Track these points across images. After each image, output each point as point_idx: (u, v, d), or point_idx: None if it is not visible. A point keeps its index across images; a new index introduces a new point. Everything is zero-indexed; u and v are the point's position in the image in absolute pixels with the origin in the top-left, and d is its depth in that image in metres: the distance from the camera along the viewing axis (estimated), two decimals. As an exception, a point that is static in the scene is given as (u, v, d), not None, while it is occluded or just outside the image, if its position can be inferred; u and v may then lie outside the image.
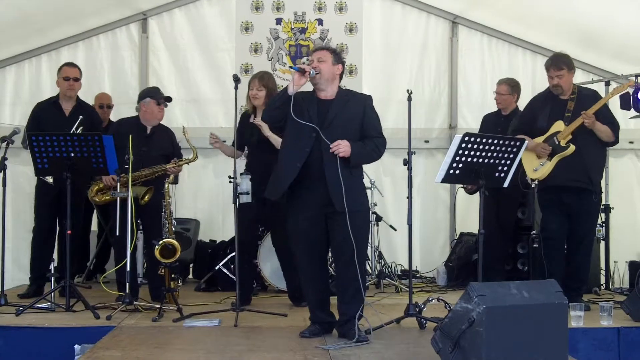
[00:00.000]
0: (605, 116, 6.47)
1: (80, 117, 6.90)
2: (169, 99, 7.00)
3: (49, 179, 6.70)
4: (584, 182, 6.42)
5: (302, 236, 5.37)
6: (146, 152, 6.69)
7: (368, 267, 7.79)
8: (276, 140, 6.39)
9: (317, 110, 5.34)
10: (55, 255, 6.99)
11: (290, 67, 5.37)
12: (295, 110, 5.22)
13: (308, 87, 5.41)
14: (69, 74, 7.06)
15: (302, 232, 5.36)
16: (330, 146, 5.19)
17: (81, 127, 6.82)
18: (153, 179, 6.71)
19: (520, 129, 6.67)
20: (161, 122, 6.95)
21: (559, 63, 6.54)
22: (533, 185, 6.74)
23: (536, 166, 6.55)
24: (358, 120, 5.39)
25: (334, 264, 5.73)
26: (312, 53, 5.54)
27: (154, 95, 6.86)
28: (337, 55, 5.50)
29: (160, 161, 6.77)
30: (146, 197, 6.58)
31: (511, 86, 7.74)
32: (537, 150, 6.51)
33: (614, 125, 6.50)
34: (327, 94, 5.43)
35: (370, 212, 7.28)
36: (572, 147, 6.37)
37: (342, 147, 5.18)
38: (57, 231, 7.14)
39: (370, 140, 5.38)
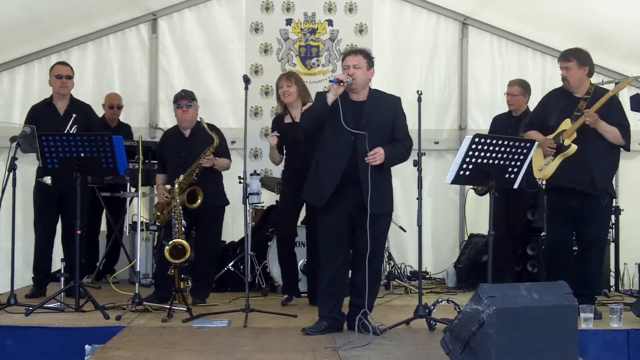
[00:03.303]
0: (616, 118, 6.13)
1: (74, 115, 6.79)
2: (186, 98, 6.76)
3: (48, 180, 6.57)
4: (586, 186, 6.06)
5: (331, 234, 5.48)
6: (185, 157, 6.68)
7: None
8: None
9: (352, 112, 5.43)
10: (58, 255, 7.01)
11: (330, 80, 5.42)
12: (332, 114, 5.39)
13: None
14: (62, 72, 7.02)
15: (330, 230, 5.48)
16: (367, 155, 5.32)
17: (75, 126, 6.73)
18: (195, 180, 6.62)
19: (532, 123, 6.47)
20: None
21: (566, 55, 6.25)
22: (541, 185, 6.66)
23: (541, 165, 6.27)
24: (389, 122, 5.52)
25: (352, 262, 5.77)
26: (347, 57, 5.56)
27: (174, 100, 6.85)
28: (371, 60, 5.57)
29: None
30: (197, 200, 6.53)
31: (523, 87, 7.74)
32: (543, 146, 6.19)
33: (623, 128, 6.13)
34: (359, 97, 5.54)
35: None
36: (573, 147, 6.06)
37: (378, 157, 5.32)
38: (62, 231, 7.15)
39: (400, 143, 5.51)
